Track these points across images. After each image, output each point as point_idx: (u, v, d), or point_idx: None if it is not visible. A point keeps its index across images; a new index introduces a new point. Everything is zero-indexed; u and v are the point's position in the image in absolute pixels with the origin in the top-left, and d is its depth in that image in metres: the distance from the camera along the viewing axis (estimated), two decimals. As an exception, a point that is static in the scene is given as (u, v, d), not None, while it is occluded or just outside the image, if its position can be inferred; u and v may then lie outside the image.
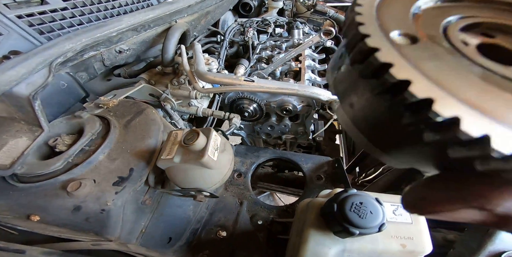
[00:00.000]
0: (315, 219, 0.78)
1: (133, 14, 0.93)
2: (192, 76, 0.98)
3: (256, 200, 1.05)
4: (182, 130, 0.69)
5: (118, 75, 1.20)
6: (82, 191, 0.62)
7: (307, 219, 0.78)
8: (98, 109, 0.85)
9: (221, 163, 0.72)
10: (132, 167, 0.70)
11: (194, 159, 0.63)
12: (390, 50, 0.14)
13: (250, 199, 1.07)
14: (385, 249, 0.78)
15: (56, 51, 0.65)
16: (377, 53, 0.14)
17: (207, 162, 0.64)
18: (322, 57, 1.91)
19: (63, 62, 0.70)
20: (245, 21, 1.93)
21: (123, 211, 0.67)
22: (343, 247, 0.78)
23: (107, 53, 0.91)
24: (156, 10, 0.99)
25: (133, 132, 0.79)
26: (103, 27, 0.78)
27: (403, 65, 0.14)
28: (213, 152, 0.67)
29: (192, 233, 1.02)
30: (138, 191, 0.72)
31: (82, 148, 0.70)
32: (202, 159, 0.63)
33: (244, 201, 1.07)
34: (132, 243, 0.73)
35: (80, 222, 0.63)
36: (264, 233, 1.04)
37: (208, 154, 0.64)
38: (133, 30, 0.92)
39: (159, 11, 1.00)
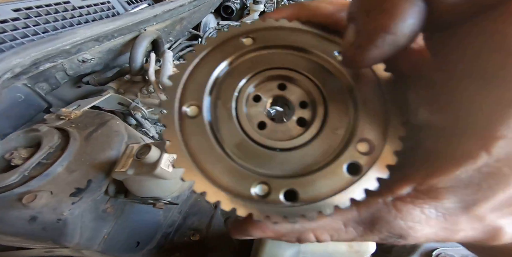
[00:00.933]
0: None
1: (89, 26, 0.94)
2: (157, 87, 1.01)
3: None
4: (139, 144, 0.72)
5: (87, 83, 1.21)
6: (38, 203, 0.65)
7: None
8: (59, 121, 0.87)
9: (177, 173, 0.76)
10: (90, 178, 0.74)
11: (147, 171, 0.67)
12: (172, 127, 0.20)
13: (223, 202, 1.11)
14: (335, 249, 0.85)
15: (2, 66, 0.66)
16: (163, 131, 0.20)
17: (160, 173, 0.68)
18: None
19: (13, 77, 0.71)
20: (222, 26, 1.94)
21: (81, 220, 0.70)
22: (297, 249, 0.85)
23: (69, 63, 0.92)
24: (117, 21, 1.00)
25: (94, 144, 0.81)
26: (54, 40, 0.79)
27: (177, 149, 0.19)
28: (167, 164, 0.71)
29: (163, 237, 1.06)
30: (98, 200, 0.75)
31: (39, 161, 0.72)
32: (154, 171, 0.67)
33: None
34: (94, 249, 0.77)
35: (37, 231, 0.66)
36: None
37: (161, 166, 0.68)
38: (94, 40, 0.93)
39: (120, 23, 1.01)
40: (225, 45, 0.23)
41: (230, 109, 0.21)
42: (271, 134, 0.21)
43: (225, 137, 0.20)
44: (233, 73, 0.22)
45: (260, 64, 0.23)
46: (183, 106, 0.20)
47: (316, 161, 0.20)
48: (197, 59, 0.22)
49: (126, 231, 0.86)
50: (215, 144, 0.20)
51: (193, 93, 0.21)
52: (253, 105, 0.22)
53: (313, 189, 0.19)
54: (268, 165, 0.20)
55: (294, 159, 0.20)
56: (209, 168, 0.19)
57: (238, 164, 0.19)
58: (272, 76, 0.23)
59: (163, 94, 1.03)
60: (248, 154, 0.20)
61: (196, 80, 0.21)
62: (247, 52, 0.23)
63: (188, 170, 0.19)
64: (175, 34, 1.67)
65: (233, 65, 0.23)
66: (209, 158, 0.19)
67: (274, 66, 0.23)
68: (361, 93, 0.21)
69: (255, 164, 0.20)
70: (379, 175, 0.19)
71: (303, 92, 0.23)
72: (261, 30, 0.23)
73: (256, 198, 0.19)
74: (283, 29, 0.23)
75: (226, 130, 0.20)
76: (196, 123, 0.20)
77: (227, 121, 0.21)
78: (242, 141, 0.20)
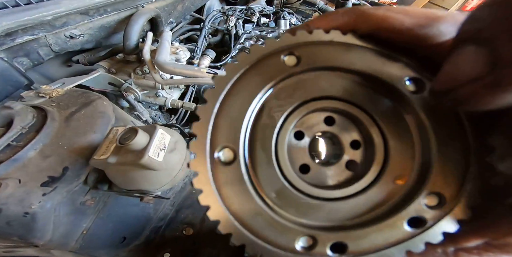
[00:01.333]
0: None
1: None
2: (151, 66, 0.90)
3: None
4: (124, 127, 0.62)
5: (77, 62, 1.10)
6: (3, 193, 0.55)
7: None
8: (39, 99, 0.76)
9: (169, 163, 0.65)
10: (66, 165, 0.63)
11: (132, 160, 0.57)
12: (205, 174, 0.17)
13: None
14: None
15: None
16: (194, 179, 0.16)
17: (148, 163, 0.58)
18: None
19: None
20: (227, 9, 1.82)
21: (54, 213, 0.61)
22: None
23: (54, 38, 0.81)
24: (108, -8, 0.89)
25: (75, 126, 0.71)
26: (32, 10, 0.68)
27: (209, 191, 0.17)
28: (156, 152, 0.61)
29: (153, 232, 0.97)
30: (75, 192, 0.65)
31: (8, 143, 0.62)
32: (140, 160, 0.56)
33: (215, 197, 1.02)
34: (71, 245, 0.67)
35: (1, 226, 0.56)
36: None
37: (149, 155, 0.58)
38: (82, 14, 0.82)
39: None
40: (262, 66, 0.18)
41: (270, 152, 0.18)
42: (316, 178, 0.19)
43: (264, 184, 0.17)
44: (272, 104, 0.18)
45: (306, 93, 0.18)
46: (215, 151, 0.17)
47: (370, 212, 0.17)
48: (230, 84, 0.17)
49: (109, 226, 0.77)
50: (254, 194, 0.17)
51: (227, 133, 0.17)
52: (295, 145, 0.19)
53: (365, 241, 0.17)
54: (314, 215, 0.17)
55: (344, 209, 0.17)
56: (249, 220, 0.17)
57: (280, 215, 0.17)
58: (318, 109, 0.19)
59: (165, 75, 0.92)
60: (291, 203, 0.17)
61: (230, 115, 0.17)
62: (290, 75, 0.18)
63: (225, 222, 0.17)
64: (176, 16, 1.55)
65: (272, 94, 0.18)
66: (248, 210, 0.17)
67: (322, 95, 0.18)
68: (436, 134, 0.17)
69: (299, 213, 0.17)
70: (446, 229, 0.17)
71: (356, 128, 0.19)
72: (306, 45, 0.18)
73: (301, 251, 0.17)
74: (335, 44, 0.18)
75: (265, 177, 0.17)
76: (232, 172, 0.17)
77: (267, 166, 0.18)
78: (283, 188, 0.18)
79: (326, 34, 0.18)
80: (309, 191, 0.18)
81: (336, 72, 0.18)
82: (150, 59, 0.92)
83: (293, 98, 0.18)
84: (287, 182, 0.18)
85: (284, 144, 0.18)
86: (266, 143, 0.18)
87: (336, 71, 0.18)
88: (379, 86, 0.18)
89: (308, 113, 0.19)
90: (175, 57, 1.04)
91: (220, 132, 0.17)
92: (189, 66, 0.88)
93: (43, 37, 0.77)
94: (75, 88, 0.84)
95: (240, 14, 1.86)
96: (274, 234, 0.17)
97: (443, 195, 0.17)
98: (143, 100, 1.11)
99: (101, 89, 1.00)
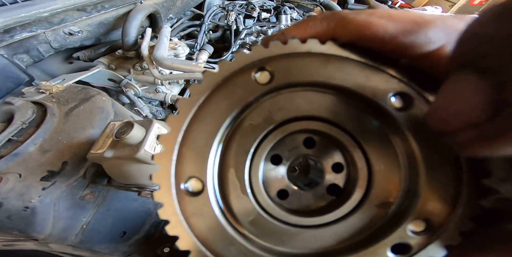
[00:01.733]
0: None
1: (73, -7, 0.82)
2: (149, 62, 0.90)
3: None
4: (121, 121, 0.62)
5: (78, 59, 1.11)
6: (4, 187, 0.56)
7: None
8: (40, 95, 0.77)
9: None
10: (65, 160, 0.64)
11: (128, 154, 0.57)
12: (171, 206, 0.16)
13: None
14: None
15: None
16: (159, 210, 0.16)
17: (144, 157, 0.58)
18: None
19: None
20: (227, 4, 1.81)
21: (53, 208, 0.62)
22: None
23: (53, 35, 0.82)
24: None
25: (74, 121, 0.72)
26: (29, 6, 0.69)
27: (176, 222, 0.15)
28: (153, 146, 0.61)
29: (153, 226, 0.98)
30: (74, 186, 0.66)
31: (9, 138, 0.63)
32: (136, 154, 0.56)
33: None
34: (70, 240, 0.68)
35: (1, 220, 0.57)
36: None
37: (145, 149, 0.58)
38: (79, 10, 0.82)
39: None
40: (231, 86, 0.16)
41: (243, 180, 0.16)
42: (294, 203, 0.17)
43: (237, 213, 0.16)
44: (244, 129, 0.16)
45: (281, 114, 0.16)
46: (181, 182, 0.16)
47: (351, 240, 0.16)
48: (194, 109, 0.16)
49: (109, 220, 0.78)
50: (226, 224, 0.16)
51: (192, 163, 0.16)
52: (271, 170, 0.17)
53: None
54: (291, 243, 0.16)
55: (323, 237, 0.16)
56: (222, 251, 0.16)
57: (256, 243, 0.16)
58: (296, 131, 0.17)
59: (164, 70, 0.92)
60: (267, 231, 0.16)
61: (195, 143, 0.16)
62: (263, 95, 0.16)
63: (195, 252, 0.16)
64: (176, 11, 1.54)
65: (243, 116, 0.16)
66: (220, 241, 0.16)
67: (299, 115, 0.16)
68: (425, 158, 0.15)
69: (275, 242, 0.16)
70: (434, 255, 0.15)
71: (339, 150, 0.17)
72: (281, 58, 0.16)
73: None
74: (313, 56, 0.16)
75: (237, 206, 0.16)
76: (200, 202, 0.16)
77: (239, 195, 0.16)
78: (258, 217, 0.16)
79: (303, 44, 0.16)
80: (286, 218, 0.16)
81: (314, 89, 0.17)
82: (148, 54, 0.92)
83: (267, 122, 0.16)
84: (262, 210, 0.16)
85: (259, 171, 0.17)
86: (239, 171, 0.16)
87: (314, 88, 0.16)
88: (362, 103, 0.16)
89: (285, 136, 0.17)
90: (173, 53, 1.04)
91: (186, 161, 0.16)
92: (187, 61, 0.88)
93: (42, 34, 0.78)
94: (75, 84, 0.85)
95: (240, 9, 1.85)
96: None
97: (431, 220, 0.15)
98: (143, 96, 1.11)
99: (101, 85, 1.00)
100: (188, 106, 0.16)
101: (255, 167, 0.17)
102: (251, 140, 0.17)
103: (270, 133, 0.17)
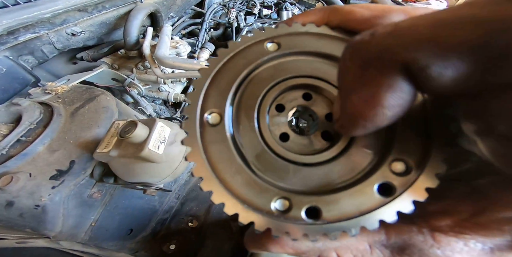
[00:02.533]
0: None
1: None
2: (151, 61, 0.91)
3: (229, 189, 1.01)
4: (125, 120, 0.63)
5: (82, 59, 1.12)
6: (15, 186, 0.58)
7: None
8: (46, 96, 0.78)
9: (170, 156, 0.67)
10: (73, 159, 0.66)
11: (132, 152, 0.58)
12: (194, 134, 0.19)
13: (225, 188, 1.03)
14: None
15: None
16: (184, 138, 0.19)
17: (148, 155, 0.59)
18: (311, 41, 1.79)
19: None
20: (228, 2, 1.80)
21: (63, 206, 0.63)
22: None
23: (56, 36, 0.83)
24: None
25: (80, 121, 0.73)
26: (31, 8, 0.70)
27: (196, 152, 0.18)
28: (157, 145, 0.62)
29: (159, 224, 1.00)
30: (82, 185, 0.68)
31: (18, 138, 0.64)
32: (141, 153, 0.57)
33: (219, 190, 1.03)
34: (80, 237, 0.70)
35: (14, 218, 0.59)
36: (237, 222, 1.02)
37: (149, 147, 0.59)
38: (80, 11, 0.83)
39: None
40: (248, 51, 0.22)
41: (252, 119, 0.20)
42: (294, 146, 0.20)
43: (246, 147, 0.19)
44: (256, 80, 0.21)
45: (284, 72, 0.21)
46: (205, 113, 0.20)
47: (342, 178, 0.19)
48: (220, 64, 0.21)
49: (116, 218, 0.80)
50: (236, 154, 0.19)
51: (215, 101, 0.20)
52: (276, 115, 0.21)
53: (338, 207, 0.18)
54: (290, 179, 0.19)
55: (318, 175, 0.19)
56: (229, 178, 0.18)
57: (259, 176, 0.19)
58: (296, 85, 0.22)
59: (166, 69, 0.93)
60: (269, 166, 0.19)
61: (219, 87, 0.20)
62: (271, 58, 0.22)
63: (207, 180, 0.18)
64: (177, 10, 1.54)
65: (256, 72, 0.21)
66: (229, 168, 0.18)
67: (299, 74, 0.21)
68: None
69: (276, 177, 0.19)
70: (416, 197, 0.17)
71: (330, 103, 0.21)
72: (286, 35, 0.22)
73: (276, 213, 0.18)
74: (310, 34, 0.22)
75: (247, 140, 0.19)
76: (217, 132, 0.19)
77: (249, 131, 0.20)
78: (263, 152, 0.19)
79: (303, 27, 0.22)
80: (286, 155, 0.19)
81: (310, 57, 0.22)
82: (150, 54, 0.93)
83: (274, 77, 0.21)
84: (267, 146, 0.19)
85: (265, 113, 0.21)
86: (249, 111, 0.20)
87: (310, 56, 0.22)
88: None
89: (286, 89, 0.21)
90: (175, 52, 1.05)
91: (210, 99, 0.20)
92: (188, 59, 0.88)
93: (45, 35, 0.79)
94: (79, 85, 0.86)
95: (241, 6, 1.84)
96: (252, 193, 0.18)
97: (407, 161, 0.18)
98: (147, 95, 1.12)
99: (105, 85, 1.02)
100: (215, 62, 0.21)
101: (262, 110, 0.21)
102: (260, 88, 0.21)
103: (275, 85, 0.21)
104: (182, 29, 1.65)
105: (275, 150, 0.19)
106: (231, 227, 1.07)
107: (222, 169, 0.18)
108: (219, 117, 0.20)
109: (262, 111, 0.20)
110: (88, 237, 0.71)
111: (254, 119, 0.20)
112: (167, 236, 1.02)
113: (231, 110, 0.20)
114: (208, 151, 0.19)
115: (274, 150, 0.19)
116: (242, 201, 0.18)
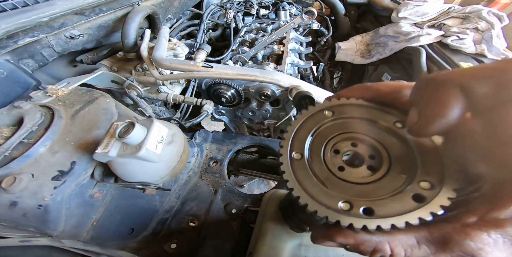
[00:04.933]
0: (274, 212, 0.75)
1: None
2: (149, 63, 0.92)
3: (231, 188, 1.02)
4: (123, 122, 0.65)
5: (81, 62, 1.14)
6: (18, 186, 0.60)
7: (267, 212, 0.76)
8: (47, 99, 0.80)
9: (167, 155, 0.68)
10: (74, 160, 0.67)
11: (131, 152, 0.60)
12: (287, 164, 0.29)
13: (225, 187, 1.04)
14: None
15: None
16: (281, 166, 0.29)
17: (146, 155, 0.60)
18: (308, 40, 1.80)
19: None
20: (225, 2, 1.81)
21: (65, 206, 0.65)
22: (299, 242, 0.76)
23: (55, 39, 0.84)
24: (101, -8, 0.91)
25: (80, 123, 0.75)
26: (29, 12, 0.71)
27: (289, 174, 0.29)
28: (154, 145, 0.63)
29: (159, 223, 1.01)
30: (83, 185, 0.70)
31: (20, 140, 0.66)
32: (138, 153, 0.59)
33: (219, 190, 1.04)
34: (82, 236, 0.72)
35: (18, 218, 0.61)
36: (237, 221, 1.02)
37: (147, 147, 0.61)
38: (78, 14, 0.84)
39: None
40: (315, 116, 0.33)
41: (320, 158, 0.30)
42: (348, 175, 0.29)
43: (318, 173, 0.29)
44: (321, 134, 0.32)
45: (339, 129, 0.32)
46: (292, 153, 0.30)
47: (385, 192, 0.26)
48: (298, 124, 0.32)
49: (117, 218, 0.81)
50: (312, 176, 0.28)
51: (298, 146, 0.30)
52: (334, 156, 0.31)
53: (387, 209, 0.25)
54: (349, 192, 0.27)
55: (369, 190, 0.27)
56: (309, 189, 0.27)
57: (329, 189, 0.27)
58: (346, 138, 0.31)
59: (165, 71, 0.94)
60: (334, 184, 0.28)
61: (299, 138, 0.31)
62: (329, 121, 0.32)
63: (296, 190, 0.27)
64: (174, 11, 1.56)
65: (321, 129, 0.32)
66: (309, 183, 0.28)
67: (348, 130, 0.31)
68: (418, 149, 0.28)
69: (340, 191, 0.27)
70: (442, 203, 0.24)
71: (371, 149, 0.31)
72: (337, 106, 0.33)
73: (342, 211, 0.25)
74: (353, 105, 0.32)
75: (318, 169, 0.29)
76: (300, 164, 0.29)
77: (319, 164, 0.29)
78: (329, 176, 0.28)
79: (347, 100, 0.33)
80: (344, 177, 0.28)
81: (354, 119, 0.32)
82: (147, 55, 0.94)
83: (332, 132, 0.32)
84: (331, 173, 0.29)
85: (328, 154, 0.31)
86: (318, 153, 0.30)
87: (354, 119, 0.32)
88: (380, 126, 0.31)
89: (340, 140, 0.31)
90: (173, 53, 1.06)
91: (295, 145, 0.31)
92: (185, 61, 0.90)
93: (44, 38, 0.80)
94: (79, 87, 0.88)
95: (239, 7, 1.84)
96: (325, 198, 0.26)
97: (431, 181, 0.26)
98: (146, 96, 1.14)
99: (105, 88, 1.03)
100: (295, 123, 0.32)
101: (326, 153, 0.30)
102: (324, 139, 0.31)
103: (333, 138, 0.31)
104: (181, 31, 1.67)
105: (337, 175, 0.29)
106: (232, 227, 1.08)
107: (305, 184, 0.28)
108: (301, 155, 0.30)
109: (326, 153, 0.30)
110: (90, 236, 0.73)
111: (321, 158, 0.30)
112: (168, 235, 1.03)
113: (307, 152, 0.30)
114: (296, 173, 0.28)
115: (336, 175, 0.29)
116: (319, 203, 0.26)
